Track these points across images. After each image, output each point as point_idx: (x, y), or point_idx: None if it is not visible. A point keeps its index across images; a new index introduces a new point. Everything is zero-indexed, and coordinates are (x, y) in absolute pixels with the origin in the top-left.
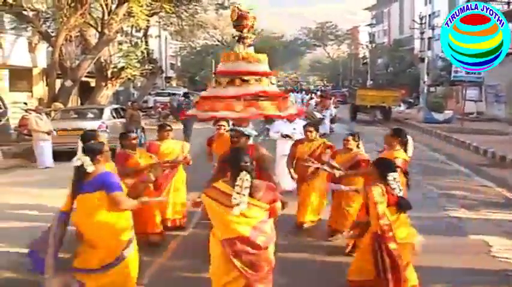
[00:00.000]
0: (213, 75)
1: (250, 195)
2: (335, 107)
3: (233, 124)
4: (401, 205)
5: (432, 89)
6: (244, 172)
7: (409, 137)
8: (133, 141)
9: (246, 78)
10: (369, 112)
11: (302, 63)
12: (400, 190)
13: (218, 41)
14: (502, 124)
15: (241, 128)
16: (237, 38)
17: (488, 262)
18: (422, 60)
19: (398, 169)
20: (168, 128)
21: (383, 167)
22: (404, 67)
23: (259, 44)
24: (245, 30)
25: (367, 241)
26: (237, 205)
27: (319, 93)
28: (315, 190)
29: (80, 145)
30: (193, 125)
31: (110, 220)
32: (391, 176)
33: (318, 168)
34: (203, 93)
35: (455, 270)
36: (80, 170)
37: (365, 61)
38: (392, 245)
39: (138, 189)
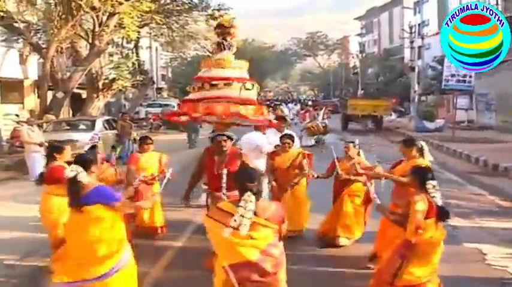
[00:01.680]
0: (194, 82)
1: (256, 215)
2: (327, 118)
3: (214, 129)
4: (441, 215)
5: (423, 98)
6: (248, 193)
7: (423, 144)
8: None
9: (225, 82)
10: (360, 121)
11: (293, 73)
12: (440, 198)
13: (209, 51)
14: (493, 132)
15: (227, 133)
16: (222, 45)
17: (483, 270)
18: (413, 69)
19: None
20: (149, 141)
21: (421, 175)
22: (395, 76)
23: (250, 54)
24: (229, 38)
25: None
26: (235, 227)
27: (310, 103)
28: (296, 199)
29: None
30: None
31: (103, 234)
32: (430, 184)
33: (299, 174)
34: (185, 98)
35: (450, 278)
36: (74, 182)
37: (355, 71)
38: None
39: None
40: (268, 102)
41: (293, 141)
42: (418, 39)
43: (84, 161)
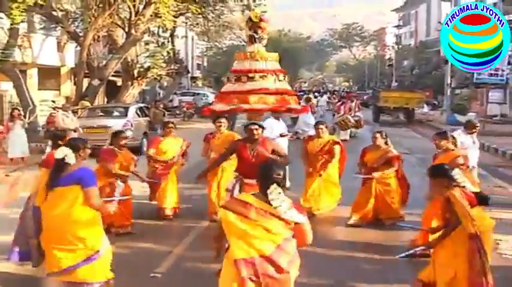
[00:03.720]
0: (229, 73)
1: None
2: (359, 110)
3: (249, 118)
4: (481, 199)
5: (457, 91)
6: (275, 185)
7: (454, 135)
8: (123, 142)
9: (260, 75)
10: (391, 114)
11: (328, 65)
12: (469, 184)
13: (244, 41)
14: None
15: (259, 122)
16: (253, 38)
17: (495, 259)
18: (447, 62)
19: (463, 167)
20: (171, 125)
21: (441, 172)
22: (430, 69)
23: (285, 44)
24: (260, 31)
25: (465, 245)
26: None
27: (343, 93)
28: (324, 183)
29: (50, 143)
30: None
31: (82, 217)
32: (455, 173)
33: (329, 160)
34: (222, 89)
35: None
36: (60, 163)
37: (390, 63)
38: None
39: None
40: (301, 93)
41: (326, 127)
42: None
43: (73, 146)
